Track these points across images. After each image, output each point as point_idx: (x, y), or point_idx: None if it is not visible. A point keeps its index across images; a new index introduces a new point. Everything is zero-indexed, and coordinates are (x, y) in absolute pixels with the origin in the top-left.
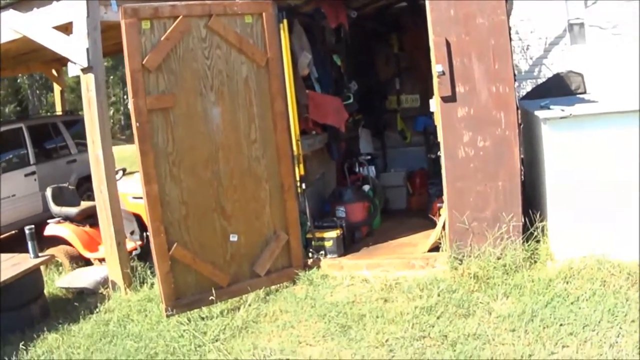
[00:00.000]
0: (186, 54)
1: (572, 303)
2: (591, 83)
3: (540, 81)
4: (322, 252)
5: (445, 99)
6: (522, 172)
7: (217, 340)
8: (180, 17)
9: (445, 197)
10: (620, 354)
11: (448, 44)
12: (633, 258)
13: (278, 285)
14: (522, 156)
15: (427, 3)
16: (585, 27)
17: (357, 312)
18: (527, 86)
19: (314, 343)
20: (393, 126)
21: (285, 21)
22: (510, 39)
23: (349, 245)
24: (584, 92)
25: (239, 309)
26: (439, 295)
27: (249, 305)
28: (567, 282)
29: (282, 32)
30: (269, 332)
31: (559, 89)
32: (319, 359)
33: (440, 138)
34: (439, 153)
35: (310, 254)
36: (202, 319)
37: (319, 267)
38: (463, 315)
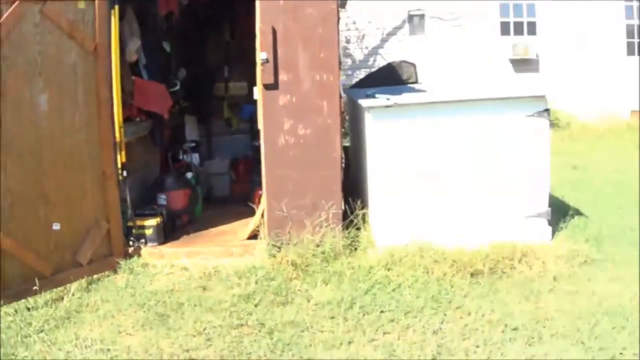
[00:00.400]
0: (19, 39)
1: (393, 290)
2: (426, 73)
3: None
4: (143, 240)
5: (267, 87)
6: (343, 161)
7: (42, 331)
8: (17, 2)
9: (264, 185)
10: (445, 340)
11: (275, 32)
12: (456, 245)
13: (100, 274)
14: (347, 144)
15: None
16: (426, 19)
17: (175, 301)
18: (361, 75)
19: (133, 332)
20: (219, 114)
21: (117, 7)
22: (338, 28)
23: (169, 233)
24: (416, 82)
25: (62, 298)
26: (256, 283)
27: (72, 295)
28: (389, 269)
29: (112, 18)
30: (91, 322)
31: (390, 78)
32: (138, 348)
33: (260, 126)
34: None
35: (131, 243)
36: (28, 309)
37: (139, 255)
38: (281, 302)
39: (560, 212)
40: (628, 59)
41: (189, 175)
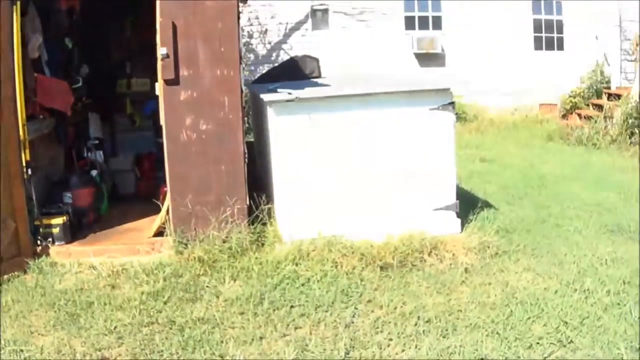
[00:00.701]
0: None
1: (302, 285)
2: (330, 68)
3: None
4: (50, 239)
5: (168, 82)
6: (246, 155)
7: None
8: None
9: (167, 181)
10: (357, 334)
11: (175, 27)
12: (364, 238)
13: (10, 274)
14: (251, 140)
15: None
16: (330, 13)
17: (85, 300)
18: (264, 70)
19: (45, 332)
20: (123, 110)
21: (19, 3)
22: (239, 23)
23: (76, 231)
24: (319, 76)
25: None
26: (165, 280)
27: None
28: (297, 264)
29: (15, 14)
30: (3, 323)
31: (293, 72)
32: (51, 348)
33: (162, 122)
34: None
35: (39, 242)
36: None
37: (47, 254)
38: (190, 299)
39: (469, 204)
40: (535, 53)
41: (94, 173)
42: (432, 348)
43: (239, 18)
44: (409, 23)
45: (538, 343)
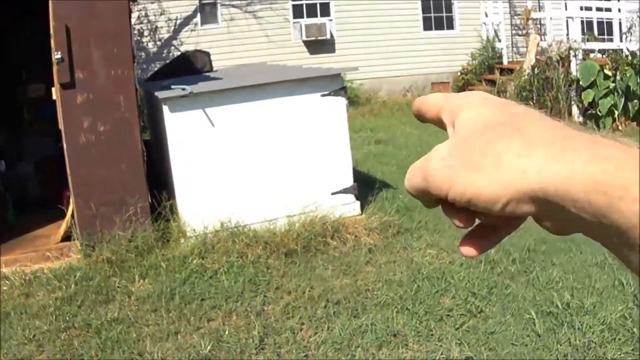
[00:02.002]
0: None
1: (210, 277)
2: (221, 61)
3: None
4: None
5: (64, 86)
6: (145, 154)
7: None
8: None
9: (70, 185)
10: (269, 321)
11: (68, 30)
12: (267, 227)
13: None
14: (148, 138)
15: None
16: (218, 6)
17: (2, 311)
18: (156, 68)
19: None
20: (22, 116)
21: None
22: (131, 22)
23: None
24: (211, 70)
25: None
26: (76, 284)
27: None
28: (203, 258)
29: None
30: None
31: (184, 68)
32: None
33: (61, 126)
34: None
35: None
36: None
37: None
38: (103, 301)
39: (367, 186)
40: (425, 33)
41: None
42: (345, 328)
43: (130, 17)
44: (297, 11)
45: (448, 315)
